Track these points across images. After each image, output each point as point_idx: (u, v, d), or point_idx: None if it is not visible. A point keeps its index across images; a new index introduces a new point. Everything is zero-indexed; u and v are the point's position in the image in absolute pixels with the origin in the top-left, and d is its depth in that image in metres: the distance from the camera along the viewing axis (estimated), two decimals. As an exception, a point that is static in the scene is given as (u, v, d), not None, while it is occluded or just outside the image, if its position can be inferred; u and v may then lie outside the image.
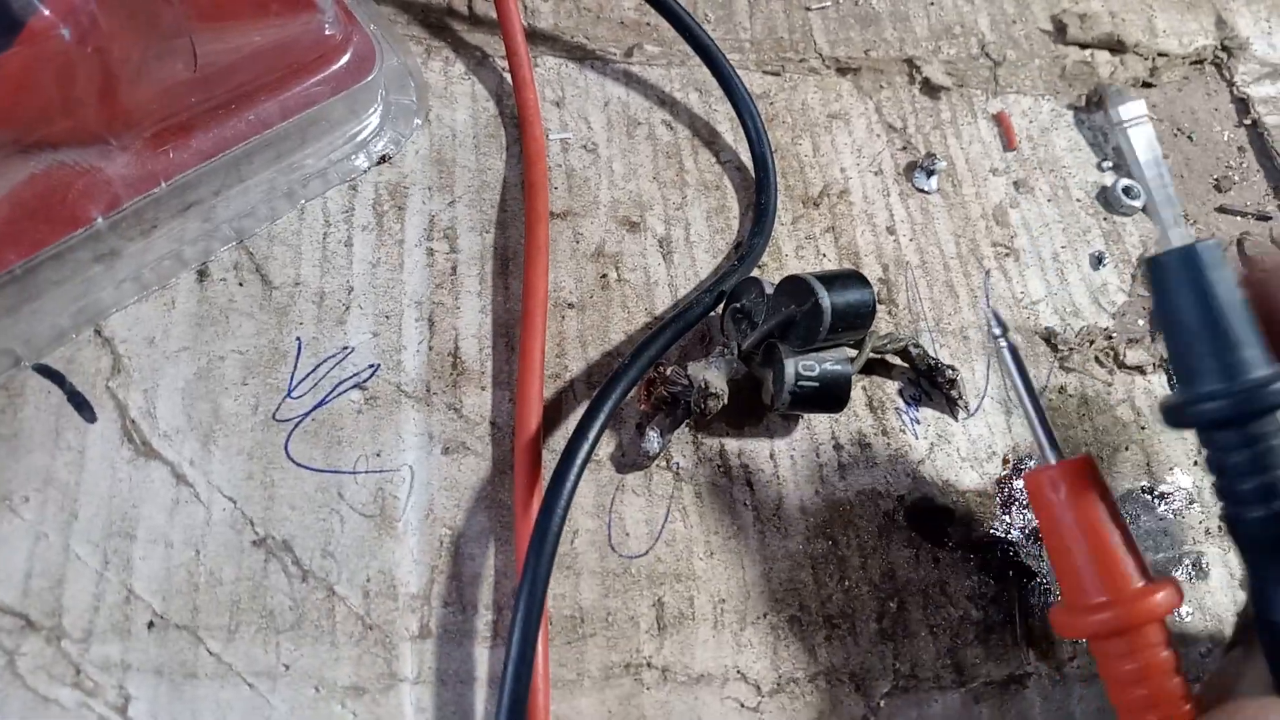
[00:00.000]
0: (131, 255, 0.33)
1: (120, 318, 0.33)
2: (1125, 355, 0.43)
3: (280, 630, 0.29)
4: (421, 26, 0.42)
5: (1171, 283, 0.27)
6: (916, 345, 0.39)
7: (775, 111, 0.46)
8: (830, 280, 0.34)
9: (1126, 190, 0.48)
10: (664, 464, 0.35)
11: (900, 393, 0.39)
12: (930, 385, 0.39)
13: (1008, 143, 0.48)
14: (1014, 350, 0.32)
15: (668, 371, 0.34)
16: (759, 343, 0.34)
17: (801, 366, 0.34)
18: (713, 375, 0.34)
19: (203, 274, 0.34)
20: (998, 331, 0.32)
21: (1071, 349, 0.42)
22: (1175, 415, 0.28)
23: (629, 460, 0.34)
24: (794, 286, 0.34)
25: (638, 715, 0.31)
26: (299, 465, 0.32)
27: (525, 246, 0.37)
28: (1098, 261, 0.46)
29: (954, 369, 0.39)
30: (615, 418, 0.35)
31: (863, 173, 0.45)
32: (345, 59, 0.36)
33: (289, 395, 0.33)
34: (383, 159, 0.38)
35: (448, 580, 0.31)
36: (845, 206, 0.44)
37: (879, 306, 0.41)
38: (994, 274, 0.44)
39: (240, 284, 0.34)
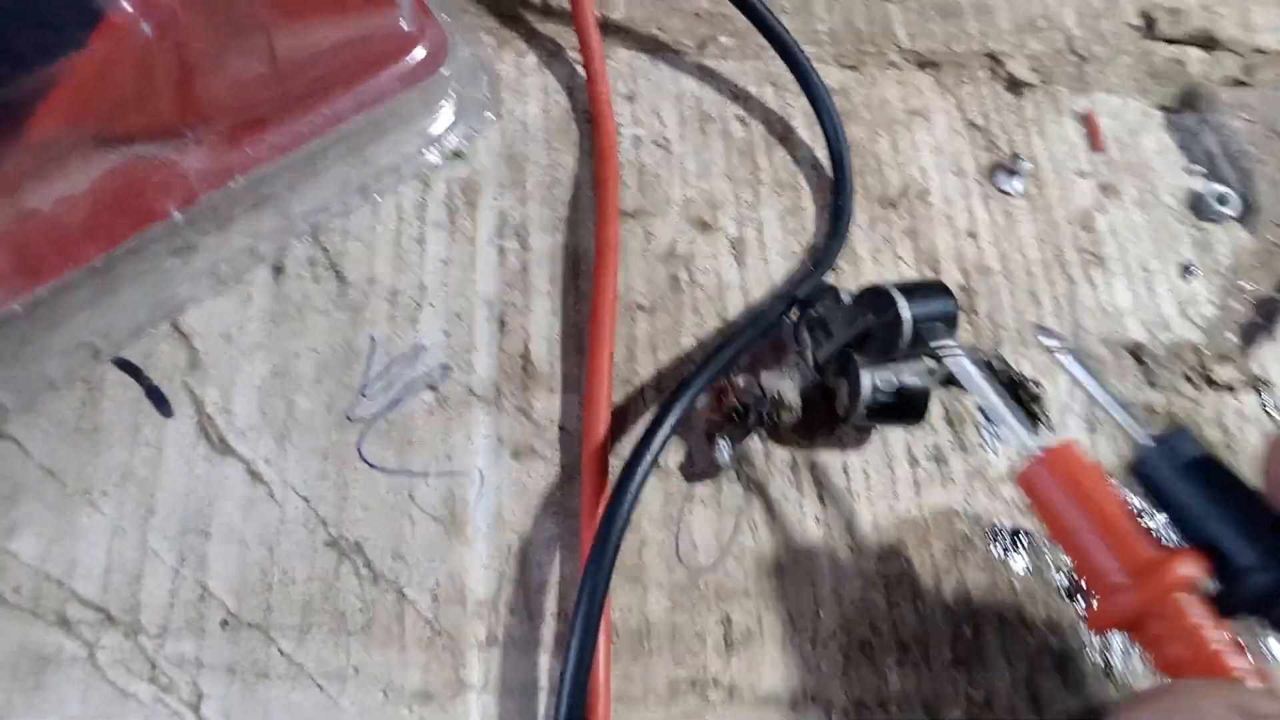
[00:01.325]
0: (208, 249, 0.34)
1: (197, 312, 0.33)
2: (1215, 372, 0.42)
3: (351, 632, 0.30)
4: (494, 16, 0.42)
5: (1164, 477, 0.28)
6: (999, 359, 0.38)
7: (853, 107, 0.45)
8: (911, 290, 0.34)
9: (1220, 198, 0.46)
10: (734, 475, 0.35)
11: (981, 406, 0.39)
12: (1013, 400, 0.39)
13: (1094, 144, 0.47)
14: (1076, 356, 0.31)
15: (739, 381, 0.34)
16: (834, 353, 0.34)
17: (879, 379, 0.34)
18: (786, 387, 0.34)
19: (278, 269, 0.35)
20: (1055, 345, 0.31)
21: (1159, 365, 0.41)
22: (1228, 603, 0.27)
23: (698, 470, 0.34)
24: (874, 296, 0.34)
25: (704, 732, 0.31)
26: (372, 466, 0.32)
27: (595, 246, 0.37)
28: (1186, 271, 0.44)
29: (1038, 384, 0.39)
30: (685, 426, 0.35)
31: (943, 172, 0.44)
32: (419, 52, 0.36)
33: (363, 394, 0.33)
34: (455, 154, 0.38)
35: (515, 587, 0.31)
36: (924, 208, 0.43)
37: (959, 314, 0.41)
38: (1080, 283, 0.43)
39: (315, 280, 0.35)
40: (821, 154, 0.43)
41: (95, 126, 0.30)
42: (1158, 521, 0.36)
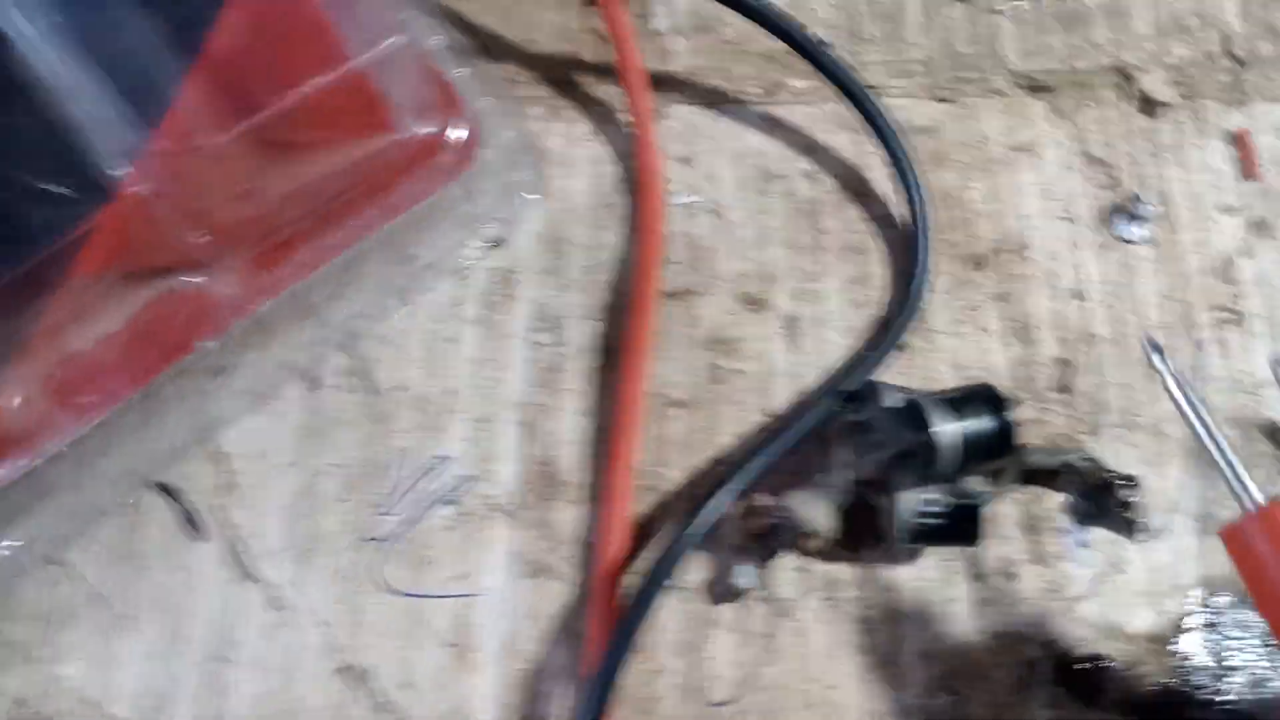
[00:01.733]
0: (245, 366, 0.35)
1: (234, 431, 0.35)
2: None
3: (360, 760, 0.31)
4: (546, 84, 0.41)
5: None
6: (1086, 458, 0.34)
7: (944, 148, 0.40)
8: (955, 405, 0.30)
9: None
10: (763, 595, 0.33)
11: (1067, 507, 0.34)
12: (1101, 506, 0.34)
13: (1247, 170, 0.40)
14: (1179, 379, 0.28)
15: (764, 503, 0.32)
16: (869, 476, 0.31)
17: (922, 500, 0.31)
18: (814, 509, 0.31)
19: (313, 382, 0.36)
20: (1157, 361, 0.28)
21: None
22: None
23: (722, 592, 0.33)
24: (911, 413, 0.30)
25: None
26: (387, 589, 0.33)
27: (622, 340, 0.35)
28: (1358, 330, 0.37)
29: (1132, 481, 0.34)
30: (712, 541, 0.33)
31: (1049, 220, 0.39)
32: (447, 150, 0.36)
33: (383, 512, 0.34)
34: (494, 243, 0.38)
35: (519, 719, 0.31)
36: (1021, 265, 0.38)
37: (1051, 394, 0.36)
38: (1208, 348, 0.37)
39: (350, 391, 0.36)
40: (900, 209, 0.39)
41: (125, 267, 0.32)
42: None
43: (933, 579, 0.34)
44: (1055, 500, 0.35)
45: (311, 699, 0.32)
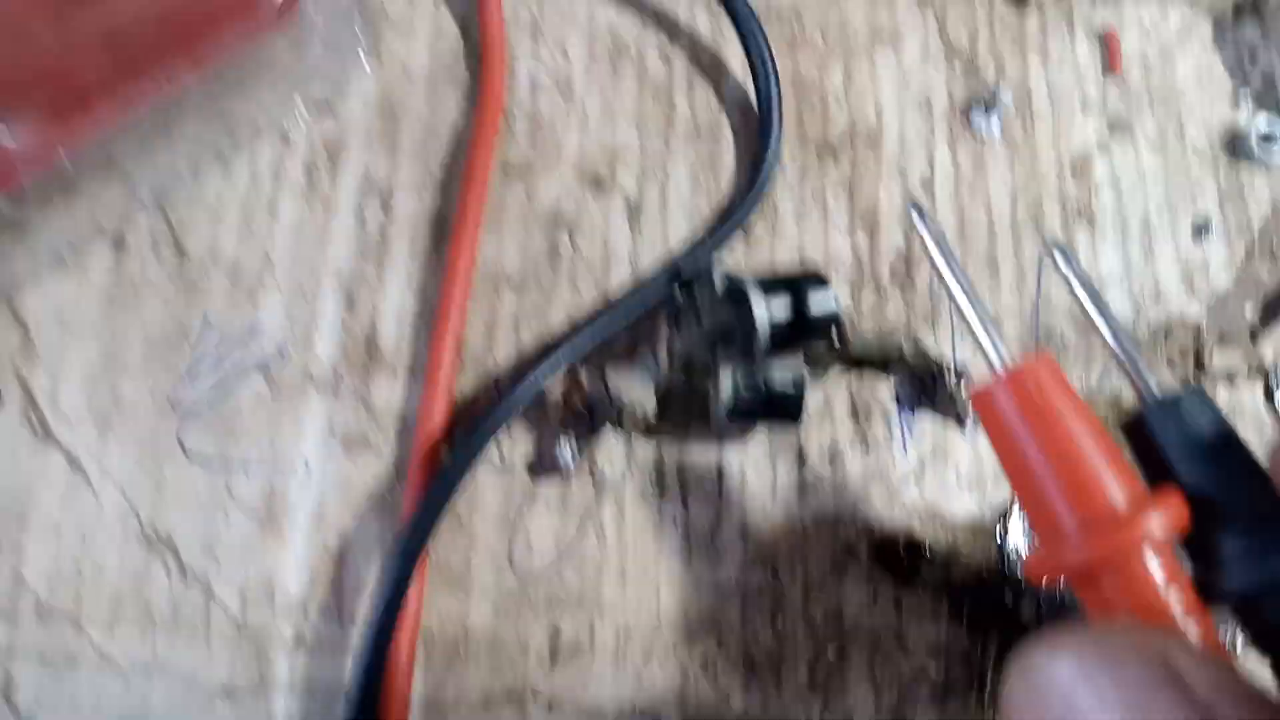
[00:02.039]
0: (46, 225, 0.33)
1: (35, 293, 0.33)
2: (1212, 357, 0.36)
3: (158, 627, 0.30)
4: (389, -60, 0.39)
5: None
6: (917, 349, 0.34)
7: (805, 34, 0.40)
8: (781, 287, 0.30)
9: (1267, 136, 0.39)
10: (586, 473, 0.32)
11: (896, 394, 0.34)
12: (925, 396, 0.34)
13: (1110, 64, 0.39)
14: (939, 241, 0.26)
15: (584, 379, 0.31)
16: (690, 356, 0.31)
17: (742, 378, 0.30)
18: (635, 388, 0.31)
19: (119, 245, 0.34)
20: (918, 222, 0.27)
21: (1138, 343, 0.35)
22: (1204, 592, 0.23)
23: (544, 468, 0.32)
24: (736, 292, 0.30)
25: (516, 747, 0.30)
26: (191, 457, 0.32)
27: (455, 210, 0.34)
28: (1200, 232, 0.38)
29: (961, 372, 0.34)
30: (536, 418, 0.33)
31: (904, 110, 0.39)
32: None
33: (188, 379, 0.32)
34: (323, 107, 0.36)
35: (329, 588, 0.31)
36: (872, 154, 0.38)
37: (892, 285, 0.36)
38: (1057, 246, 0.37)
39: (156, 256, 0.34)
40: (754, 94, 0.38)
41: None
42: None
43: (756, 460, 0.34)
44: (884, 387, 0.35)
45: (112, 565, 0.31)
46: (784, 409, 0.31)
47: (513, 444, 0.33)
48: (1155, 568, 0.22)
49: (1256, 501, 0.23)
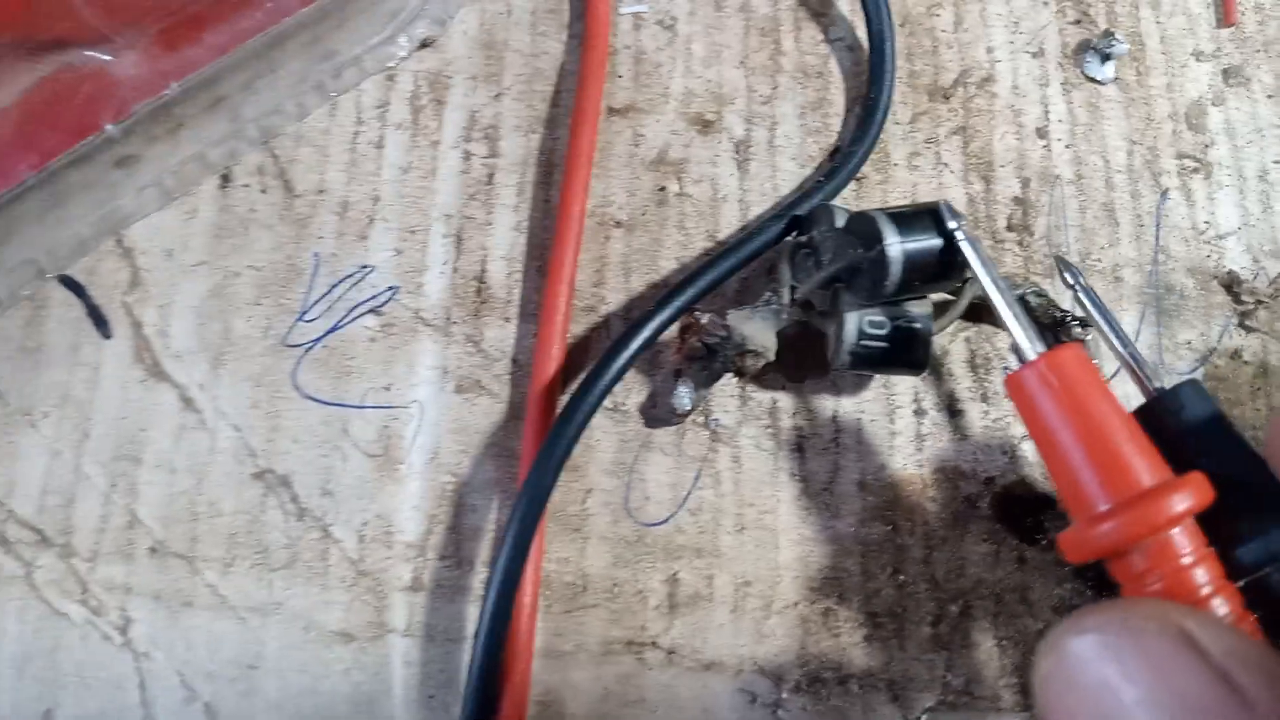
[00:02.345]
0: (153, 159, 0.33)
1: (141, 227, 0.33)
2: (1335, 313, 0.35)
3: (274, 568, 0.30)
4: (488, -127, 0.38)
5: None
6: (1038, 293, 0.33)
7: (913, -28, 0.38)
8: (904, 220, 0.29)
9: (1390, 84, 0.37)
10: (700, 420, 0.32)
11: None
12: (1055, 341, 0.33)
13: (1225, 15, 0.38)
14: (968, 237, 0.29)
15: (704, 319, 0.30)
16: (814, 291, 0.30)
17: (867, 322, 0.30)
18: (755, 328, 0.30)
19: (226, 179, 0.34)
20: (953, 224, 0.29)
21: (1259, 301, 0.35)
22: None
23: (660, 414, 0.32)
24: (863, 225, 0.29)
25: (637, 696, 0.30)
26: (306, 396, 0.31)
27: (566, 153, 0.33)
28: (1323, 184, 0.36)
29: (1085, 321, 0.33)
30: (651, 363, 0.32)
31: (1016, 54, 0.38)
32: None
33: (301, 318, 0.32)
34: (424, 43, 0.35)
35: (446, 532, 0.31)
36: (986, 99, 0.37)
37: (1009, 234, 0.35)
38: (1173, 194, 0.36)
39: (263, 191, 0.34)
40: (863, 33, 0.37)
41: (16, 36, 0.29)
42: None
43: (874, 412, 0.33)
44: (1002, 339, 0.34)
45: (227, 502, 0.31)
46: (910, 357, 0.31)
47: (626, 390, 0.33)
48: (1184, 545, 0.24)
49: (1255, 482, 0.25)
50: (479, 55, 0.36)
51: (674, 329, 0.32)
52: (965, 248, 0.29)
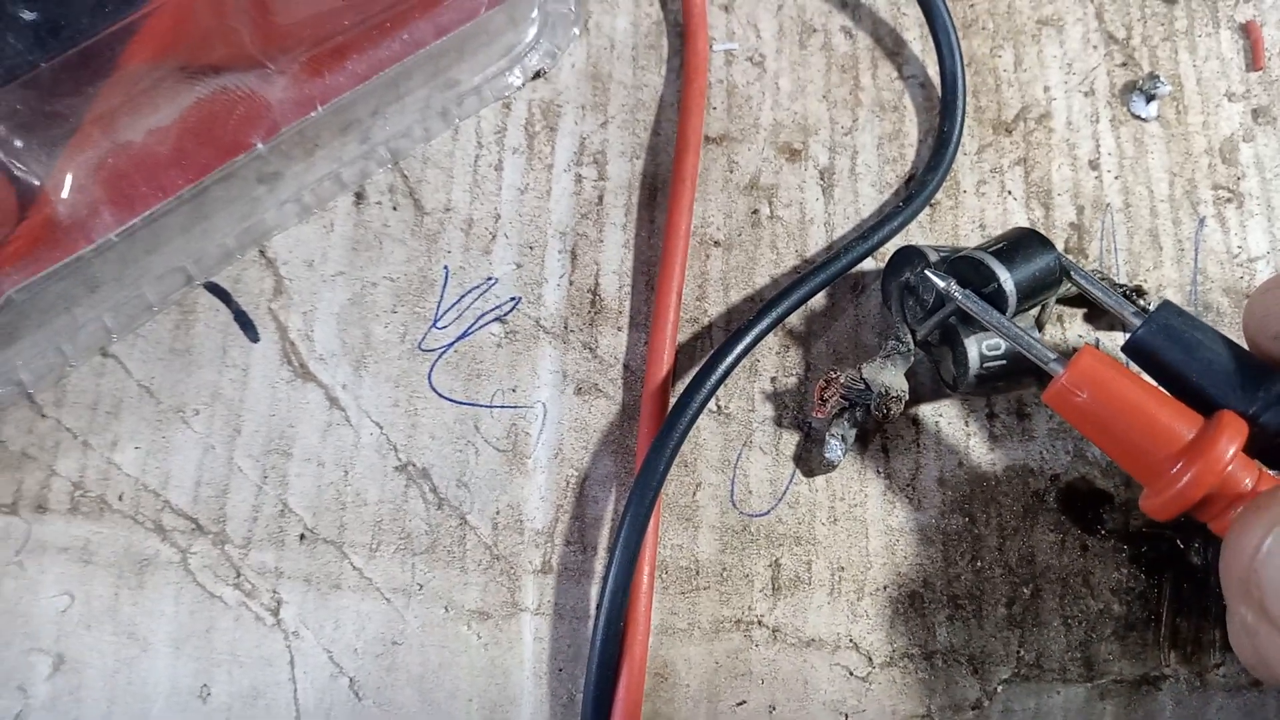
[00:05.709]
0: (293, 176, 0.36)
1: (282, 239, 0.36)
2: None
3: (416, 552, 0.34)
4: (587, -83, 0.42)
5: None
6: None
7: (975, 15, 0.43)
8: (1008, 253, 0.33)
9: (1402, 125, 0.43)
10: (793, 422, 0.36)
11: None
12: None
13: (1253, 61, 0.43)
14: (968, 296, 0.33)
15: (841, 378, 0.34)
16: (934, 330, 0.34)
17: (986, 346, 0.34)
18: (889, 376, 0.34)
19: (359, 196, 0.37)
20: (943, 285, 0.33)
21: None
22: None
23: (814, 466, 0.36)
24: (969, 268, 0.33)
25: (744, 670, 0.34)
26: (440, 396, 0.35)
27: (671, 177, 0.38)
28: (1345, 214, 0.42)
29: (1143, 294, 0.38)
30: (749, 370, 0.36)
31: (1070, 92, 0.42)
32: (502, -30, 0.37)
33: (434, 325, 0.36)
34: (537, 74, 0.39)
35: (571, 520, 0.34)
36: (1043, 134, 0.42)
37: (1067, 256, 0.40)
38: (1210, 222, 0.41)
39: (394, 208, 0.37)
40: (934, 71, 0.42)
41: (179, 60, 0.33)
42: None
43: (951, 415, 0.37)
44: (1067, 339, 0.39)
45: (372, 493, 0.34)
46: (1031, 370, 0.34)
47: (729, 394, 0.37)
48: (1243, 476, 0.28)
49: (1245, 366, 0.30)
50: (586, 86, 0.40)
51: (814, 391, 0.36)
52: (960, 300, 0.33)
